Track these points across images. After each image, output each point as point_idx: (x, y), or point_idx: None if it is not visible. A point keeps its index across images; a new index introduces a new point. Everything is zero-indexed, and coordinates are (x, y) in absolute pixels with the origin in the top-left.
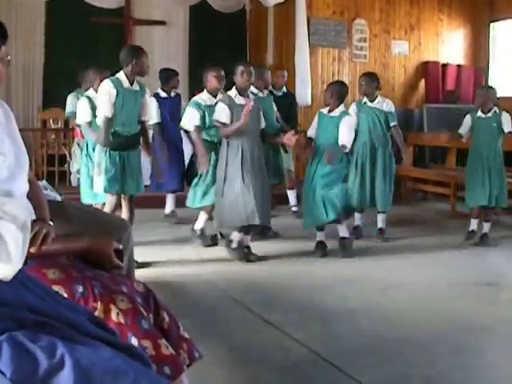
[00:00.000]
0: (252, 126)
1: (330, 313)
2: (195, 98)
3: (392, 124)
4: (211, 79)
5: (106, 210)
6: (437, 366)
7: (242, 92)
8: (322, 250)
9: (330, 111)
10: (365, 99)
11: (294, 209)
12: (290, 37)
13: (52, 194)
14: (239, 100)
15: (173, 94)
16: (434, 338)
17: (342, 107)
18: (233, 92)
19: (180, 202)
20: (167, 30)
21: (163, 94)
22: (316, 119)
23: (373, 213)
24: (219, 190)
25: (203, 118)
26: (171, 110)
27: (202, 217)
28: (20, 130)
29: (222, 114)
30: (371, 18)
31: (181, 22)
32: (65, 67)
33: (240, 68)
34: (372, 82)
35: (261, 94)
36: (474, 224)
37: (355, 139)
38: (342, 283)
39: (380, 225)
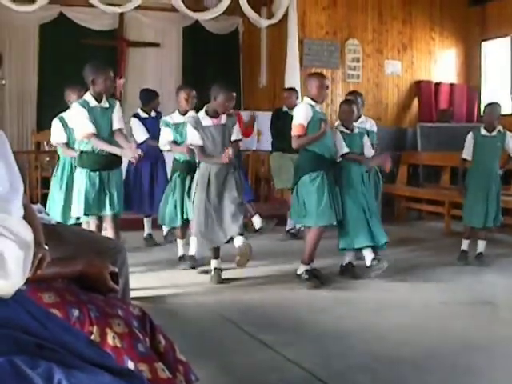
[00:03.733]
0: (221, 146)
1: (325, 333)
2: (164, 118)
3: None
4: (181, 100)
5: None
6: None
7: (212, 114)
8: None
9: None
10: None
11: (292, 231)
12: (283, 58)
13: (46, 217)
14: (206, 121)
15: (153, 114)
16: (428, 357)
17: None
18: (201, 113)
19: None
20: (161, 52)
21: (143, 115)
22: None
23: None
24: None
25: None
26: (150, 131)
27: (193, 242)
28: (14, 153)
29: (194, 137)
30: (364, 38)
31: (174, 44)
32: (58, 89)
33: (223, 94)
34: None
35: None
36: (465, 244)
37: None
38: (337, 303)
39: None
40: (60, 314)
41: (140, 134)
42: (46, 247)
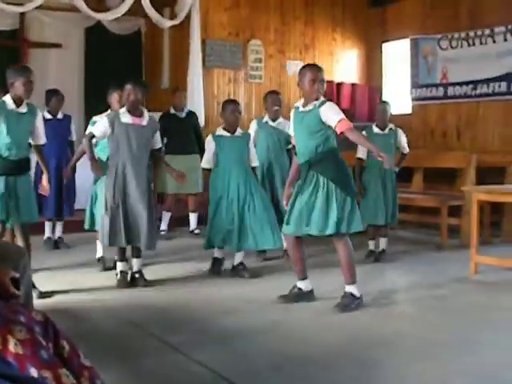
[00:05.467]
0: (137, 148)
1: (233, 333)
2: (94, 118)
3: (290, 146)
4: (113, 100)
5: None
6: (337, 381)
7: (130, 109)
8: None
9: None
10: (266, 118)
11: (196, 231)
12: (185, 58)
13: None
14: (125, 118)
15: (60, 116)
16: (335, 354)
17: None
18: (122, 109)
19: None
20: (63, 53)
21: (47, 116)
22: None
23: None
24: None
25: None
26: (53, 133)
27: (99, 244)
28: None
29: (97, 128)
30: (266, 38)
31: (76, 45)
32: None
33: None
34: (279, 100)
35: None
36: (371, 245)
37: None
38: (245, 303)
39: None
40: None
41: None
42: None
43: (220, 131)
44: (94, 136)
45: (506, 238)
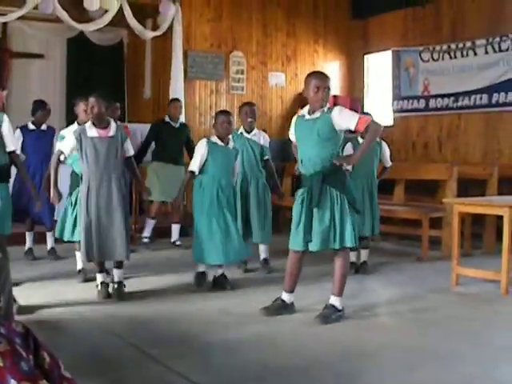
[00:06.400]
0: (106, 161)
1: (215, 345)
2: (61, 131)
3: (266, 157)
4: (80, 111)
5: None
6: None
7: (97, 123)
8: None
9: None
10: (241, 129)
11: (177, 243)
12: (167, 69)
13: None
14: (91, 132)
15: (44, 127)
16: (318, 366)
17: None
18: (88, 123)
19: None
20: (45, 63)
21: (31, 126)
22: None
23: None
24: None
25: None
26: (37, 144)
27: (78, 255)
28: None
29: (66, 144)
30: (248, 50)
31: (58, 55)
32: None
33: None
34: (254, 112)
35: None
36: (353, 256)
37: None
38: (226, 315)
39: (263, 255)
40: None
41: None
42: None
43: (214, 139)
44: (62, 152)
45: (486, 250)
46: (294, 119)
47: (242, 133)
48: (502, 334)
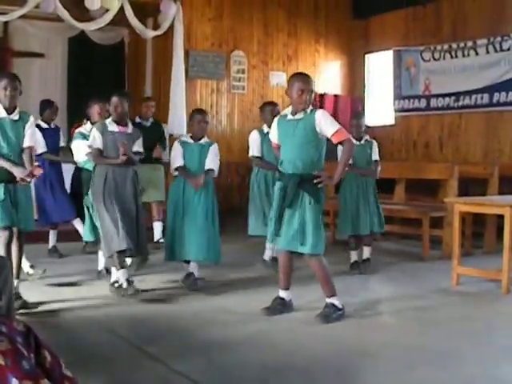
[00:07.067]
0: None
1: (215, 344)
2: (79, 129)
3: (256, 155)
4: (94, 112)
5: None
6: None
7: (118, 120)
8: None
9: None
10: (266, 129)
11: (161, 241)
12: (168, 69)
13: None
14: (112, 127)
15: (53, 126)
16: (318, 364)
17: None
18: (109, 120)
19: (63, 236)
20: (46, 62)
21: (44, 125)
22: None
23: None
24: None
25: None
26: (50, 141)
27: (101, 255)
28: None
29: (95, 140)
30: (249, 49)
31: (59, 54)
32: None
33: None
34: (278, 111)
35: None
36: (354, 255)
37: None
38: (225, 314)
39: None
40: None
41: (42, 145)
42: None
43: (186, 138)
44: (101, 150)
45: (487, 249)
46: (275, 120)
47: (268, 132)
48: (502, 334)
